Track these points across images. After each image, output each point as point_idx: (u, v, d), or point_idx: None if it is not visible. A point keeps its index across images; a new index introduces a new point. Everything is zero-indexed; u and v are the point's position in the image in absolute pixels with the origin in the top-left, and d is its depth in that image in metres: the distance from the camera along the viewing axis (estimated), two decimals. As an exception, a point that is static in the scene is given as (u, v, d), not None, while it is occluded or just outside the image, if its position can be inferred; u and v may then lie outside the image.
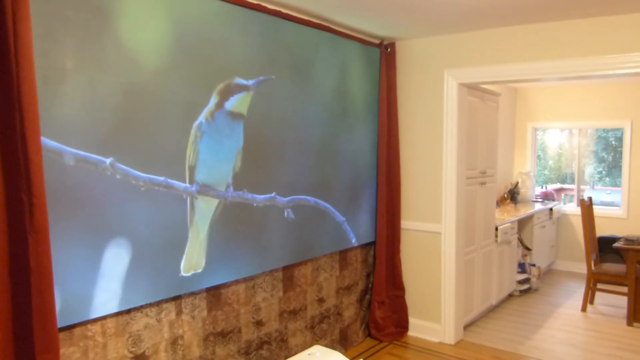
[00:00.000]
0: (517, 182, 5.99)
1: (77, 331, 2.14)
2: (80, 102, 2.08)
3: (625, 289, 4.46)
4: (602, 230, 5.89)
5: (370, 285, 3.92)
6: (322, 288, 3.47)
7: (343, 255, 3.65)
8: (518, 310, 4.64)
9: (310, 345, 3.36)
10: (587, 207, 4.74)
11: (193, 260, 2.56)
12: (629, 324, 4.30)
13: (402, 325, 3.95)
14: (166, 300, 2.48)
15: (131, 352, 2.34)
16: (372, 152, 3.81)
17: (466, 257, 3.98)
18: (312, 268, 3.37)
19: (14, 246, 1.87)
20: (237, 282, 2.85)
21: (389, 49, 3.80)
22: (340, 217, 3.52)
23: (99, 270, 2.18)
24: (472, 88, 3.92)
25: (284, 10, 2.97)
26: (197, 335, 2.63)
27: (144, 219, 2.33)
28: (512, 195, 5.85)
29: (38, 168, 1.87)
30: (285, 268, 3.16)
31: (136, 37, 2.26)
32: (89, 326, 2.18)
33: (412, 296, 3.96)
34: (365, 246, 3.87)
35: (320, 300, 3.46)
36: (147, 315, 2.40)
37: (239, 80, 2.74)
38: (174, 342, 2.52)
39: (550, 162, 7.16)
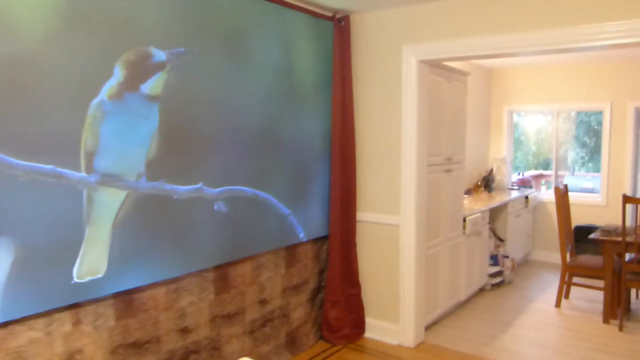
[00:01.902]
0: (492, 169, 5.66)
1: None
2: None
3: (602, 283, 4.17)
4: (581, 218, 5.60)
5: (323, 283, 3.58)
6: (264, 288, 3.11)
7: (290, 251, 3.30)
8: (488, 307, 4.33)
9: (250, 351, 3.01)
10: (562, 195, 4.42)
11: (91, 263, 2.19)
12: (605, 321, 4.01)
13: (358, 326, 3.62)
14: (58, 310, 2.11)
15: (11, 373, 1.97)
16: (324, 138, 3.45)
17: (429, 251, 3.64)
18: (251, 266, 3.01)
19: None
20: (154, 285, 2.48)
21: (342, 23, 3.42)
22: (285, 210, 3.15)
23: (-37, 277, 1.81)
24: (435, 66, 3.55)
25: (208, -28, 2.58)
26: (101, 348, 2.27)
27: (26, 215, 1.95)
28: (487, 183, 5.53)
29: None
30: (217, 268, 2.80)
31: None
32: (-51, 345, 1.81)
33: (370, 294, 3.63)
34: (317, 241, 3.51)
35: (263, 302, 3.11)
36: (32, 328, 2.03)
37: (155, 54, 2.34)
38: (69, 357, 2.16)
39: (534, 148, 6.85)
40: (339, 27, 3.40)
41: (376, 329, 3.60)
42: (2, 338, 1.94)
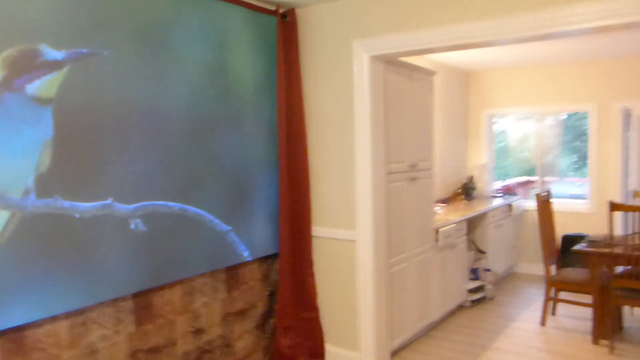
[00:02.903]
0: (472, 177, 5.31)
1: None
2: None
3: (590, 299, 3.80)
4: (570, 227, 5.25)
5: (274, 307, 3.22)
6: (199, 316, 2.75)
7: (232, 272, 2.94)
8: (465, 327, 3.96)
9: (183, 389, 2.65)
10: (543, 201, 4.08)
11: (-36, 296, 1.84)
12: (595, 341, 3.63)
13: (315, 354, 3.24)
14: None
15: None
16: (269, 144, 3.11)
17: (394, 269, 3.29)
18: (181, 292, 2.66)
19: None
20: (54, 319, 2.13)
21: (287, 18, 3.10)
22: (222, 226, 2.81)
23: None
24: (394, 64, 3.23)
25: (115, -42, 2.26)
26: (-21, 398, 1.92)
27: None
28: (467, 191, 5.18)
29: None
30: (137, 295, 2.45)
31: None
32: None
33: (328, 318, 3.26)
34: (265, 260, 3.16)
35: (198, 332, 2.75)
36: None
37: (47, 52, 2.02)
38: None
39: (525, 154, 6.51)
40: (283, 22, 3.08)
41: (336, 357, 3.23)
42: None
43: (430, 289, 3.74)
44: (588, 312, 4.14)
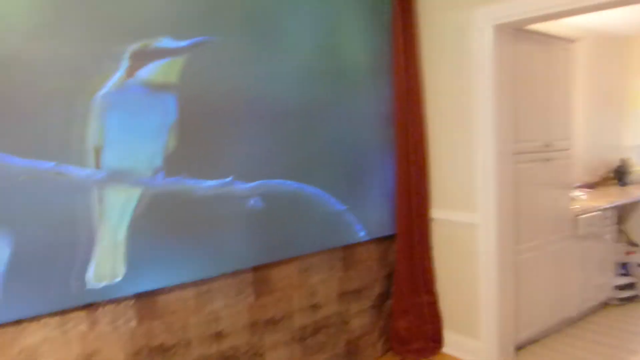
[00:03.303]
0: (627, 159, 4.66)
1: (-59, 345, 1.82)
2: None
3: None
4: None
5: (391, 289, 3.19)
6: (316, 292, 2.84)
7: (348, 251, 2.97)
8: (609, 326, 3.53)
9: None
10: None
11: (106, 267, 2.11)
12: None
13: (433, 339, 3.16)
14: (73, 309, 2.07)
15: (22, 370, 1.97)
16: (385, 124, 3.04)
17: (521, 256, 3.05)
18: (298, 268, 2.76)
19: None
20: (182, 286, 2.36)
21: (405, -8, 2.99)
22: (338, 205, 2.84)
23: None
24: (523, 32, 2.94)
25: (232, -51, 2.37)
26: (122, 350, 2.20)
27: (29, 213, 1.92)
28: (620, 175, 4.57)
29: None
30: (256, 269, 2.60)
31: (-1, -9, 1.84)
32: (-43, 339, 1.85)
33: (447, 303, 3.15)
34: (382, 241, 3.13)
35: (315, 307, 2.84)
36: (46, 326, 2.01)
37: (165, 41, 2.20)
38: (87, 357, 2.11)
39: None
40: (401, -3, 2.97)
41: (456, 344, 3.11)
42: (14, 336, 1.94)
43: (566, 282, 3.40)
44: None
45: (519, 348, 3.11)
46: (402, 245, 3.07)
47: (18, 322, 1.94)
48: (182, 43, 2.24)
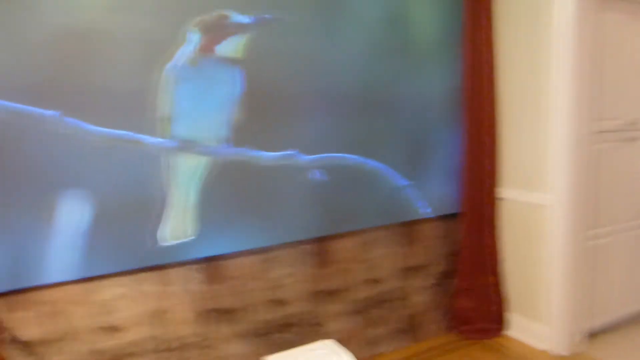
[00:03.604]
0: None
1: (36, 295, 2.02)
2: (7, 48, 1.86)
3: None
4: None
5: (454, 268, 3.13)
6: (375, 266, 2.85)
7: (410, 228, 2.94)
8: (696, 319, 3.28)
9: (359, 332, 2.81)
10: None
11: (176, 228, 2.24)
12: None
13: (495, 320, 3.08)
14: (146, 269, 2.22)
15: (103, 322, 2.15)
16: (453, 97, 2.94)
17: (595, 242, 2.88)
18: (358, 242, 2.77)
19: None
20: (246, 253, 2.45)
21: (479, -41, 2.84)
22: (401, 181, 2.81)
23: (56, 230, 2.01)
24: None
25: None
26: (191, 310, 2.34)
27: (106, 178, 2.08)
28: None
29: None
30: (318, 240, 2.64)
31: (79, -31, 1.95)
32: (50, 291, 2.04)
33: (512, 286, 3.05)
34: (445, 218, 3.07)
35: (375, 281, 2.85)
36: (121, 284, 2.18)
37: (234, 17, 2.25)
38: (159, 315, 2.27)
39: None
40: (475, -35, 2.83)
41: (520, 327, 3.02)
42: (94, 290, 2.13)
43: (647, 269, 3.18)
44: None
45: (592, 335, 2.97)
46: (467, 223, 2.99)
47: (98, 277, 2.12)
48: (248, 19, 2.27)
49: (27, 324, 2.02)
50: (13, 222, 1.93)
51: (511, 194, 2.97)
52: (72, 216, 2.02)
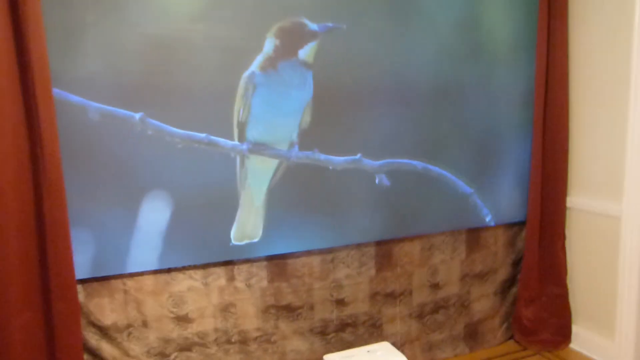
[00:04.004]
0: None
1: (113, 284, 2.18)
2: (103, 55, 2.02)
3: None
4: None
5: (517, 277, 3.07)
6: (436, 271, 2.84)
7: (473, 235, 2.91)
8: None
9: (417, 336, 2.82)
10: None
11: (246, 228, 2.34)
12: None
13: (561, 333, 2.99)
14: (214, 265, 2.34)
15: (172, 312, 2.29)
16: (523, 105, 2.87)
17: (674, 256, 2.74)
18: (420, 246, 2.78)
19: (34, 198, 1.96)
20: (309, 253, 2.52)
21: (555, -39, 2.76)
22: (465, 188, 2.78)
23: (136, 224, 2.16)
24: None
25: None
26: (254, 306, 2.44)
27: (184, 177, 2.20)
28: None
29: (49, 123, 1.91)
30: (379, 243, 2.67)
31: (165, -18, 2.07)
32: (125, 280, 2.19)
33: (580, 298, 2.95)
34: (511, 226, 3.01)
35: (434, 286, 2.85)
36: (191, 277, 2.31)
37: (309, 24, 2.30)
38: (224, 309, 2.38)
39: None
40: (550, -33, 2.75)
41: (586, 341, 2.92)
42: (166, 282, 2.26)
43: None
44: None
45: (662, 355, 2.84)
46: (532, 232, 2.92)
47: (170, 270, 2.25)
48: (317, 27, 2.32)
49: (103, 309, 2.17)
50: (100, 215, 2.08)
51: (582, 203, 2.87)
52: (153, 212, 2.16)
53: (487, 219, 2.87)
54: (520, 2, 2.77)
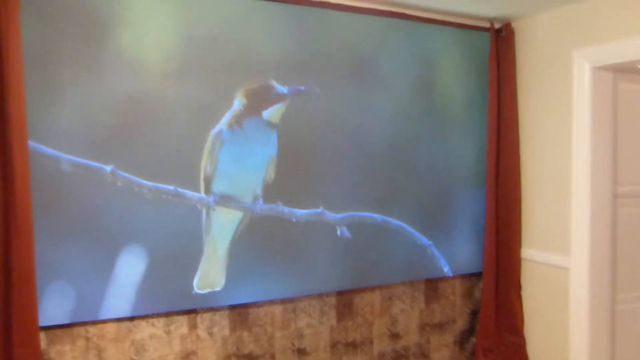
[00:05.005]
0: None
1: (75, 330, 2.22)
2: (78, 110, 2.15)
3: None
4: None
5: (475, 326, 3.17)
6: (397, 321, 2.93)
7: (432, 285, 3.03)
8: None
9: (377, 386, 2.87)
10: None
11: (209, 277, 2.43)
12: None
13: (518, 383, 3.08)
14: (177, 313, 2.40)
15: (133, 360, 2.33)
16: (476, 161, 3.08)
17: (622, 307, 2.89)
18: (381, 296, 2.88)
19: (2, 245, 2.03)
20: (271, 302, 2.60)
21: (502, 32, 3.03)
22: (423, 240, 2.92)
23: (102, 273, 2.22)
24: (626, 71, 2.83)
25: (334, 1, 2.62)
26: (215, 355, 2.48)
27: (151, 227, 2.30)
28: None
29: (23, 173, 2.00)
30: (340, 293, 2.77)
31: (140, 45, 2.25)
32: (88, 327, 2.24)
33: (536, 348, 3.05)
34: (468, 277, 3.14)
35: (395, 336, 2.93)
36: (153, 325, 2.36)
37: (276, 87, 2.49)
38: (185, 357, 2.42)
39: None
40: (498, 37, 3.02)
41: (542, 391, 3.01)
42: (129, 330, 2.31)
43: (676, 339, 3.13)
44: None
45: (614, 405, 2.92)
46: (489, 283, 3.06)
47: (133, 318, 2.30)
48: (286, 90, 2.51)
49: (64, 356, 2.20)
50: (66, 263, 2.16)
51: (534, 255, 3.03)
52: (118, 260, 2.24)
53: (445, 269, 3.00)
54: (471, 67, 3.03)
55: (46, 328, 2.15)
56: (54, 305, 2.14)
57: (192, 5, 2.33)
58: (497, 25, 3.05)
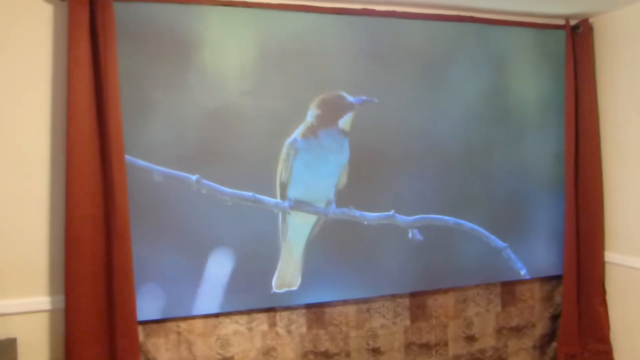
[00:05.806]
0: None
1: (168, 325, 2.45)
2: (168, 126, 2.38)
3: None
4: None
5: (556, 331, 3.07)
6: (471, 324, 2.92)
7: (508, 288, 2.98)
8: None
9: (452, 388, 2.88)
10: None
11: (286, 277, 2.57)
12: None
13: (605, 391, 2.95)
14: (257, 311, 2.56)
15: (219, 354, 2.52)
16: (554, 163, 2.99)
17: None
18: (455, 299, 2.89)
19: (105, 249, 2.29)
20: (345, 302, 2.70)
21: (579, 29, 2.92)
22: (499, 243, 2.88)
23: (191, 272, 2.44)
24: None
25: (400, 9, 2.67)
26: (293, 351, 2.63)
27: (233, 231, 2.48)
28: None
29: (121, 185, 2.25)
30: (413, 295, 2.81)
31: (220, 63, 2.45)
32: (179, 323, 2.46)
33: (625, 356, 2.91)
34: (548, 280, 3.05)
35: (470, 338, 2.92)
36: (236, 322, 2.54)
37: (347, 96, 2.60)
38: (266, 352, 2.58)
39: None
40: (575, 34, 2.92)
41: (632, 401, 2.87)
42: (215, 326, 2.51)
43: None
44: None
45: None
46: (570, 287, 2.96)
47: (217, 315, 2.50)
48: (353, 99, 2.61)
49: (159, 348, 2.43)
50: (159, 263, 2.39)
51: (619, 258, 2.90)
52: (204, 262, 2.44)
53: (522, 272, 2.95)
54: (546, 67, 2.95)
55: (143, 322, 2.39)
56: (149, 302, 2.38)
57: (265, 23, 2.49)
58: (572, 22, 2.95)
